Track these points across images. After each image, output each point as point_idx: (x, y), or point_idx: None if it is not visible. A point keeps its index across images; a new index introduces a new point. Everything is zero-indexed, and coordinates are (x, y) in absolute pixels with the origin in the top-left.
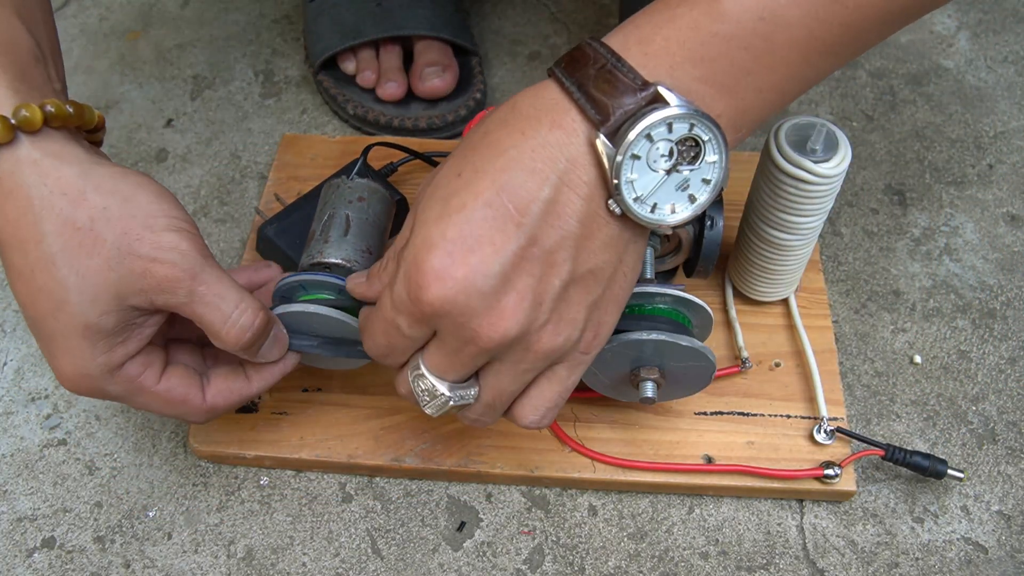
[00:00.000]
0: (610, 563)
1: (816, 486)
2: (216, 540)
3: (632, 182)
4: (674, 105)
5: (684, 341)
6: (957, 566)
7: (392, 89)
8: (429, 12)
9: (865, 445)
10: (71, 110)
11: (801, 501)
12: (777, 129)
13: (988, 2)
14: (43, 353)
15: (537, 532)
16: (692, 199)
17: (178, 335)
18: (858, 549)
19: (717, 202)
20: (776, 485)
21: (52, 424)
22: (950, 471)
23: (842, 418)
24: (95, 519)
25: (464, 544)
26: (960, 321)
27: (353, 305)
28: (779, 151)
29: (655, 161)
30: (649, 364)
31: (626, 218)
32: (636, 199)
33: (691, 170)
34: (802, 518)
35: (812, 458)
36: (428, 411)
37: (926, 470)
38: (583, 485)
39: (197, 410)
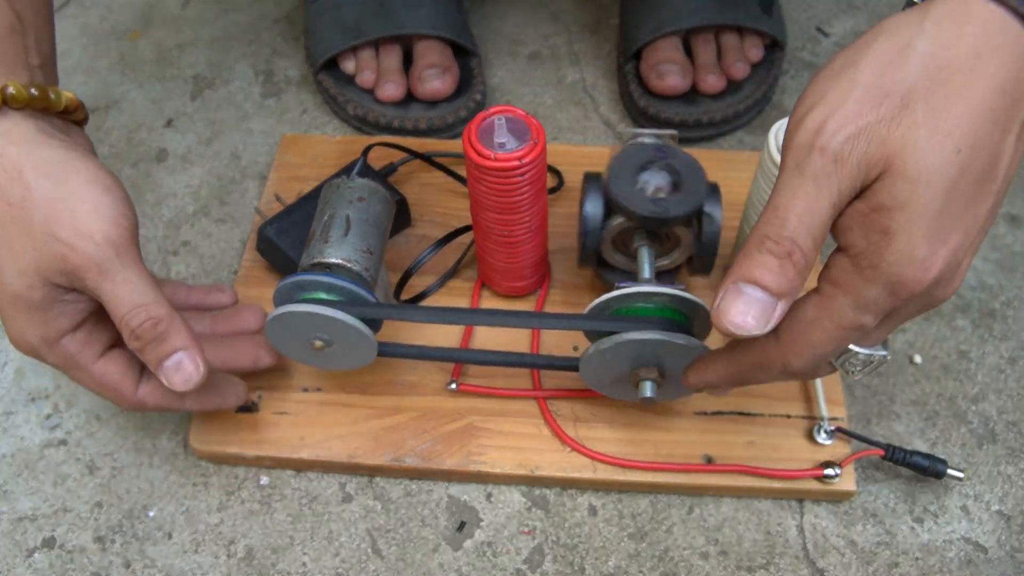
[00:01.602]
0: (610, 563)
1: (816, 486)
2: (216, 540)
3: None
4: None
5: (683, 340)
6: (957, 566)
7: (391, 90)
8: (431, 11)
9: (865, 445)
10: (35, 92)
11: (801, 501)
12: (777, 128)
13: None
14: None
15: (537, 532)
16: None
17: None
18: (858, 549)
19: (715, 200)
20: (776, 485)
21: (52, 424)
22: (950, 471)
23: (842, 418)
24: (95, 519)
25: (464, 544)
26: (960, 321)
27: (350, 304)
28: (779, 150)
29: None
30: (649, 364)
31: None
32: None
33: None
34: (802, 518)
35: (812, 458)
36: (857, 377)
37: (926, 470)
38: (583, 485)
39: (126, 401)
